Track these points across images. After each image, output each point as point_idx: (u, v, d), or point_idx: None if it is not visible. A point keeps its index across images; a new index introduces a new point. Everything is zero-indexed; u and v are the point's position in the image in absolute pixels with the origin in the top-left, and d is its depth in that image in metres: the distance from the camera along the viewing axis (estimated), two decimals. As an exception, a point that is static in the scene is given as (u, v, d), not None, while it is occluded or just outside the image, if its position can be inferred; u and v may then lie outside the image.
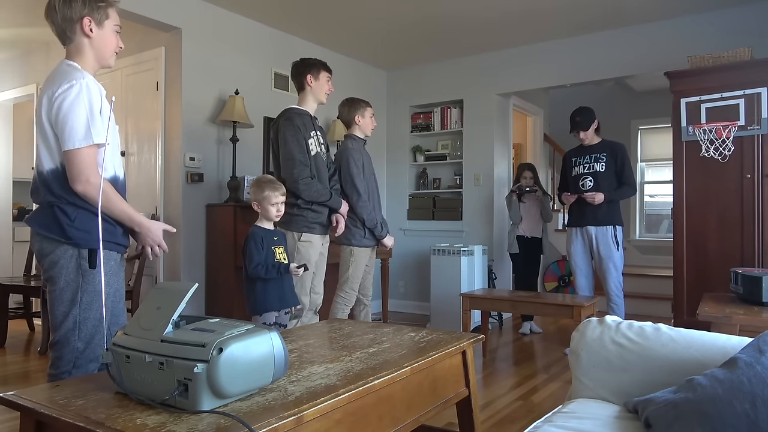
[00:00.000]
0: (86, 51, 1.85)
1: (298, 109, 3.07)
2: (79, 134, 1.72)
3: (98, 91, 1.79)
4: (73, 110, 1.71)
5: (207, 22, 4.24)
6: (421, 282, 5.75)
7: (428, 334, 2.08)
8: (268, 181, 2.70)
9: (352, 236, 3.34)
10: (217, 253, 4.10)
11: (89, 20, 1.82)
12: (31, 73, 5.40)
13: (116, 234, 1.87)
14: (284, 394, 1.33)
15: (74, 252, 1.78)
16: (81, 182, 1.73)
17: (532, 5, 4.31)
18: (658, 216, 7.47)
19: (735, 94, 3.71)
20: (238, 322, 1.33)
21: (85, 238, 1.78)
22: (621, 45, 4.74)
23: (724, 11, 4.30)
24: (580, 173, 4.14)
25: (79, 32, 1.83)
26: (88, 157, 1.73)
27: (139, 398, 1.27)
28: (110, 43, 1.89)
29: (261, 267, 2.58)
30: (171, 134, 4.14)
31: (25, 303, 4.86)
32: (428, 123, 5.88)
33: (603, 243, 4.03)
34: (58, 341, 1.81)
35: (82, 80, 1.75)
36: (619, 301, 4.04)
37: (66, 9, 1.80)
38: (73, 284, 1.78)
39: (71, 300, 1.79)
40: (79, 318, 1.79)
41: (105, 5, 1.85)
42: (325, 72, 3.14)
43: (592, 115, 4.14)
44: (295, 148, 2.94)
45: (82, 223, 1.77)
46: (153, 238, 1.94)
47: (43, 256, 1.81)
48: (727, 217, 3.76)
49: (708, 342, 1.49)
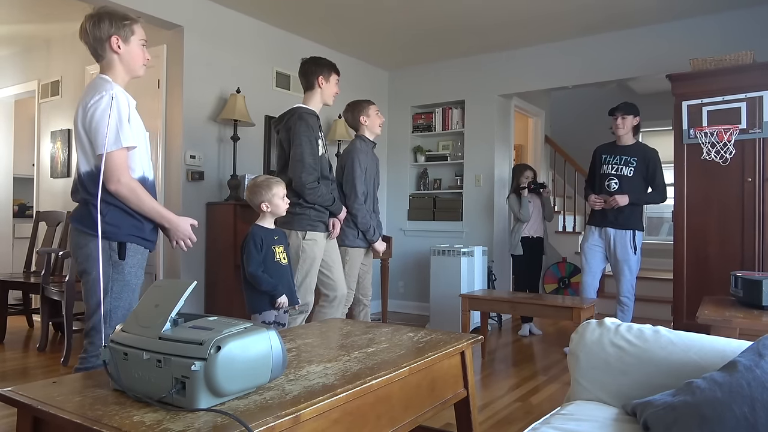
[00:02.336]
0: (116, 65, 2.04)
1: (307, 108, 3.05)
2: (109, 139, 1.89)
3: (126, 101, 1.97)
4: (103, 118, 1.90)
5: (209, 20, 4.24)
6: (420, 282, 5.75)
7: (427, 335, 2.07)
8: (268, 178, 2.71)
9: (345, 237, 3.35)
10: (216, 252, 4.10)
11: (117, 38, 2.01)
12: (31, 70, 5.40)
13: (144, 230, 2.03)
14: (282, 393, 1.33)
15: (105, 245, 1.94)
16: (113, 182, 1.91)
17: (536, 7, 4.31)
18: (658, 219, 7.46)
19: (737, 98, 3.70)
20: (236, 321, 1.33)
21: (115, 232, 1.95)
22: (623, 47, 4.74)
23: (727, 14, 4.30)
24: (607, 173, 4.02)
25: (108, 50, 2.02)
26: (118, 159, 1.91)
27: (137, 396, 1.27)
28: (137, 56, 2.08)
29: (262, 279, 2.57)
30: (172, 132, 4.14)
31: (24, 299, 4.86)
32: (429, 123, 5.88)
33: (621, 246, 3.97)
34: (93, 328, 1.97)
35: (111, 91, 1.94)
36: (629, 303, 3.99)
37: (95, 30, 2.00)
38: (104, 275, 1.95)
39: (103, 289, 1.95)
40: (111, 307, 1.96)
41: (130, 23, 2.05)
42: (335, 75, 3.13)
43: (636, 110, 4.03)
44: (307, 150, 2.92)
45: (112, 218, 1.94)
46: (183, 231, 2.10)
47: (78, 248, 1.97)
48: (728, 220, 3.76)
49: (707, 345, 1.49)
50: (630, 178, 3.95)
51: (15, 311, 4.74)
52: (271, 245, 2.65)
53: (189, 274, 4.07)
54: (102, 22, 1.99)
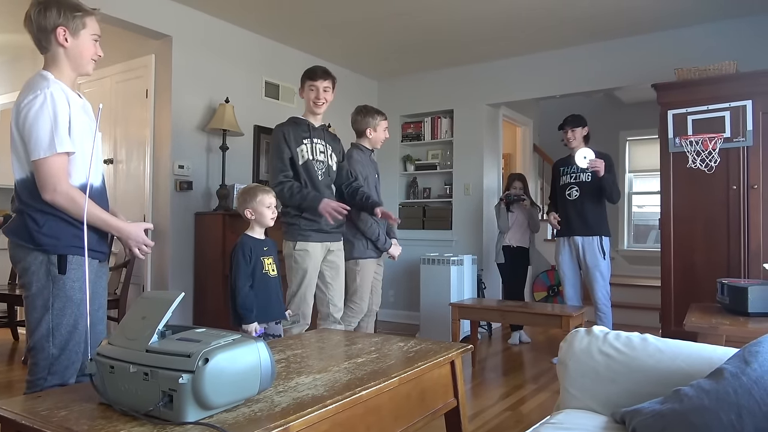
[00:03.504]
0: (61, 60, 1.85)
1: (296, 117, 3.05)
2: (43, 144, 1.72)
3: (65, 100, 1.78)
4: (37, 120, 1.72)
5: (198, 30, 4.23)
6: (410, 291, 5.74)
7: (417, 344, 2.07)
8: (256, 186, 2.68)
9: (354, 249, 3.26)
10: (205, 262, 4.07)
11: (63, 30, 1.81)
12: (18, 80, 5.36)
13: (90, 240, 1.81)
14: (271, 405, 1.32)
15: (44, 258, 1.78)
16: (48, 191, 1.74)
17: (522, 18, 4.35)
18: (645, 226, 7.53)
19: (721, 107, 3.76)
20: (224, 332, 1.32)
21: (53, 244, 1.78)
22: (609, 57, 4.80)
23: (711, 25, 4.37)
24: (567, 182, 4.15)
25: (54, 42, 1.83)
26: (53, 166, 1.73)
27: (123, 409, 1.25)
28: (86, 52, 1.88)
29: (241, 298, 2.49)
30: (160, 142, 4.12)
31: (9, 311, 4.79)
32: (418, 132, 5.90)
33: (589, 252, 4.04)
34: (34, 347, 1.81)
35: (46, 90, 1.75)
36: (607, 310, 4.04)
37: (41, 19, 1.80)
38: (44, 290, 1.79)
39: (43, 306, 1.79)
40: (52, 324, 1.79)
41: (81, 15, 1.85)
42: (308, 80, 3.03)
43: (583, 121, 4.15)
44: (275, 155, 2.93)
45: (50, 229, 1.78)
46: (135, 238, 1.92)
47: (16, 262, 1.83)
48: (714, 227, 3.80)
49: (694, 353, 1.50)
50: (589, 183, 4.05)
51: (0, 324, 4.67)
52: (260, 256, 2.61)
53: (177, 284, 4.03)
54: (49, 10, 1.79)
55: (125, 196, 4.33)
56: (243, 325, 2.51)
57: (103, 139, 4.42)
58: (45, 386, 1.77)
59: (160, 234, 4.03)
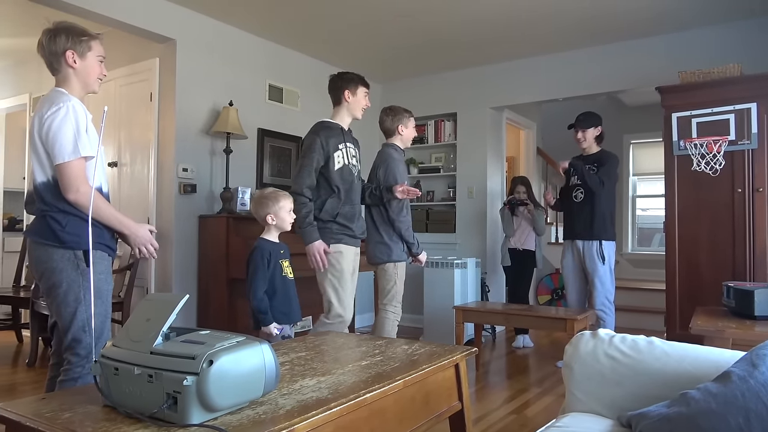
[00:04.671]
0: (72, 80, 2.06)
1: (328, 122, 3.05)
2: (67, 149, 1.90)
3: (84, 112, 1.98)
4: (61, 129, 1.90)
5: (202, 33, 4.25)
6: (414, 294, 5.72)
7: (421, 347, 2.06)
8: (277, 191, 2.65)
9: (392, 252, 3.23)
10: (209, 265, 4.08)
11: (72, 53, 2.03)
12: (23, 83, 5.39)
13: (104, 236, 2.02)
14: (275, 408, 1.31)
15: (70, 254, 1.93)
16: (72, 191, 1.90)
17: (525, 21, 4.35)
18: (650, 229, 7.50)
19: (725, 110, 3.74)
20: (228, 334, 1.32)
21: (77, 241, 1.93)
22: (613, 60, 4.79)
23: (715, 28, 4.36)
24: (574, 184, 4.11)
25: (64, 64, 2.04)
26: (76, 169, 1.92)
27: (127, 411, 1.25)
28: (93, 72, 2.09)
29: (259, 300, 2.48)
30: (164, 145, 4.13)
31: (14, 314, 4.80)
32: (422, 136, 5.90)
33: (588, 257, 3.99)
34: (72, 340, 1.94)
35: (68, 102, 1.95)
36: (605, 316, 3.96)
37: (51, 44, 2.02)
38: (74, 285, 1.93)
39: (75, 300, 1.94)
40: (86, 315, 1.93)
41: (87, 39, 2.06)
42: (363, 87, 3.11)
43: (596, 119, 4.08)
44: (305, 161, 2.91)
45: (72, 227, 1.93)
46: (142, 238, 2.08)
47: (41, 263, 1.95)
48: (719, 230, 3.78)
49: (701, 356, 1.49)
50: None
51: (4, 326, 4.68)
52: (278, 259, 2.60)
53: (181, 287, 4.03)
54: (58, 36, 2.01)
55: (129, 199, 4.34)
56: (263, 328, 2.50)
57: (108, 142, 4.43)
58: (84, 374, 1.91)
59: (164, 237, 4.03)
